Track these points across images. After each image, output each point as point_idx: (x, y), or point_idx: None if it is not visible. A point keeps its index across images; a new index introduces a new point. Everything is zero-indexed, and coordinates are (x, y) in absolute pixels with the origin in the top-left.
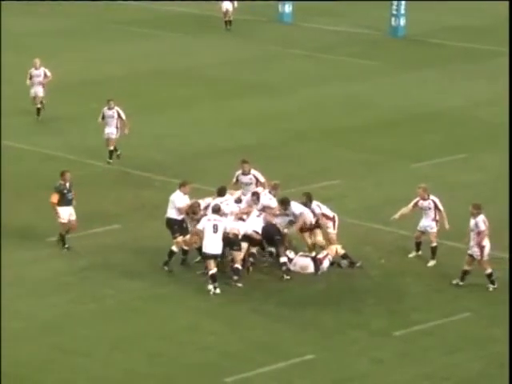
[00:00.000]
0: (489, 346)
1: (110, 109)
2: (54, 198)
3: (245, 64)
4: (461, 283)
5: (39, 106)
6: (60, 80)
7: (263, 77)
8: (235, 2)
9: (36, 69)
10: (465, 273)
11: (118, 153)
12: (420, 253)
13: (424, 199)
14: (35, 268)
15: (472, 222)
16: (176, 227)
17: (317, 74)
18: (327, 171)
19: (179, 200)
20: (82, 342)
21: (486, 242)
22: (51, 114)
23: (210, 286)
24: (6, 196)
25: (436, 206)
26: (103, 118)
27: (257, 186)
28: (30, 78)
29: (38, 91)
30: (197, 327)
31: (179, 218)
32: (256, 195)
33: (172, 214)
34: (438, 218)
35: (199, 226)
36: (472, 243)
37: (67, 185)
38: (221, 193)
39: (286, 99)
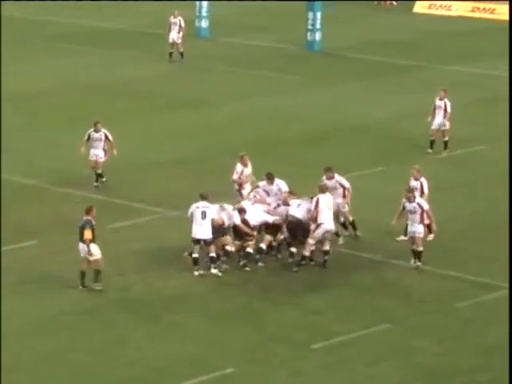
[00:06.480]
0: (409, 357)
1: (96, 131)
2: None
3: (170, 79)
4: (419, 263)
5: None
6: None
7: (188, 91)
8: (181, 33)
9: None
10: (414, 251)
11: (104, 179)
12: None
13: (416, 179)
14: None
15: (411, 205)
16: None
17: (241, 88)
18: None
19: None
20: (8, 357)
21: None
22: None
23: (196, 272)
24: None
25: (422, 189)
26: (88, 139)
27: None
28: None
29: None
30: (123, 342)
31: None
32: (268, 176)
33: None
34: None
35: (188, 214)
36: (414, 223)
37: None
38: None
39: (212, 113)
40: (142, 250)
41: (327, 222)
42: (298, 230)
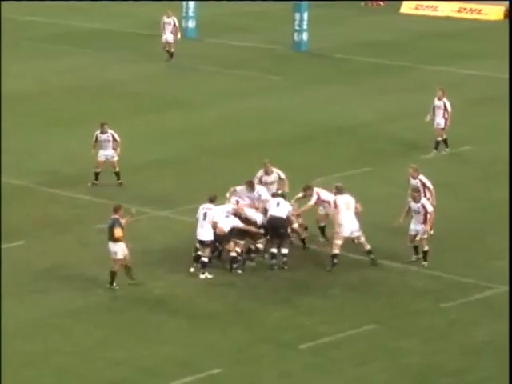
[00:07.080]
0: (396, 358)
1: (103, 133)
2: None
3: (156, 79)
4: (420, 256)
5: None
6: None
7: (176, 92)
8: (178, 34)
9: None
10: (417, 248)
11: (97, 182)
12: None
13: (414, 178)
14: None
15: (416, 205)
16: None
17: (228, 89)
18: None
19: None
20: None
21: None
22: None
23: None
24: None
25: (424, 185)
26: (96, 140)
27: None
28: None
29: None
30: (108, 342)
31: None
32: (249, 183)
33: None
34: (427, 195)
35: (197, 216)
36: (417, 223)
37: None
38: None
39: (199, 114)
40: (129, 251)
41: (348, 223)
42: (280, 227)
